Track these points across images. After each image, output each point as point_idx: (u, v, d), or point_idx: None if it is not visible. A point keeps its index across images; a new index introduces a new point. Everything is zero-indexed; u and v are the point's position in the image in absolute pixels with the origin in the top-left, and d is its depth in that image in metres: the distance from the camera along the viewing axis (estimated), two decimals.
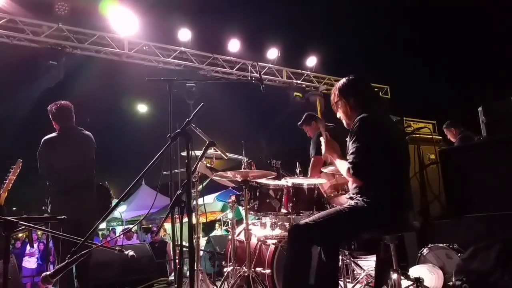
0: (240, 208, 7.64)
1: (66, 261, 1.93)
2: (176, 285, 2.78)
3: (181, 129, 2.29)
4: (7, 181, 3.14)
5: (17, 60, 8.20)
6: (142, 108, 14.47)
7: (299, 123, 5.55)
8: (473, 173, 4.01)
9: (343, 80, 2.90)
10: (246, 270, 3.05)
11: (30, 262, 11.49)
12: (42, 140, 4.18)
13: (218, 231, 12.35)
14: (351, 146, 2.62)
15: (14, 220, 2.04)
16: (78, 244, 2.03)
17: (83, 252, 1.98)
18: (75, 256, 1.94)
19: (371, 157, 2.55)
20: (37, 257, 11.61)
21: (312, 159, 5.00)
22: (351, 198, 2.71)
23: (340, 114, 2.91)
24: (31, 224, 2.50)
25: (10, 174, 3.15)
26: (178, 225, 2.10)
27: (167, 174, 3.35)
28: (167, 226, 15.38)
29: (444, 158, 4.35)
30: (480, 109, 4.22)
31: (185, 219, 2.13)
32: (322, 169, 3.99)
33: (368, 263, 4.70)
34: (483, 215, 3.70)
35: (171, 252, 9.34)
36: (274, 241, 3.53)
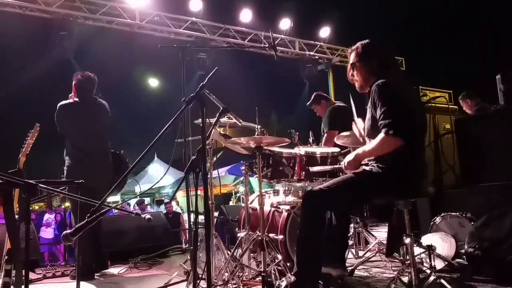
0: (252, 179, 7.72)
1: (86, 220, 1.98)
2: (191, 247, 2.86)
3: (196, 93, 2.28)
4: (25, 146, 3.18)
5: (29, 31, 8.22)
6: (153, 82, 14.52)
7: (308, 103, 5.52)
8: (489, 142, 3.96)
9: (366, 41, 2.81)
10: (259, 234, 3.09)
11: (47, 232, 11.79)
12: (58, 105, 4.27)
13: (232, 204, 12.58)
14: (379, 112, 2.53)
15: (34, 182, 2.08)
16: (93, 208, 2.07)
17: (102, 211, 2.03)
18: (94, 215, 1.99)
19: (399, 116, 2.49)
20: (54, 227, 11.90)
21: (325, 134, 4.99)
22: (365, 165, 2.71)
23: (355, 75, 2.84)
24: (50, 187, 2.56)
25: (28, 138, 3.20)
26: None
27: (181, 142, 3.38)
28: (180, 199, 15.68)
29: (460, 127, 4.29)
30: (498, 77, 4.13)
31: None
32: (336, 141, 3.99)
33: (380, 234, 4.75)
34: (498, 184, 3.67)
35: (185, 222, 9.53)
36: (287, 207, 3.56)
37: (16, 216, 3.05)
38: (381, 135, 2.50)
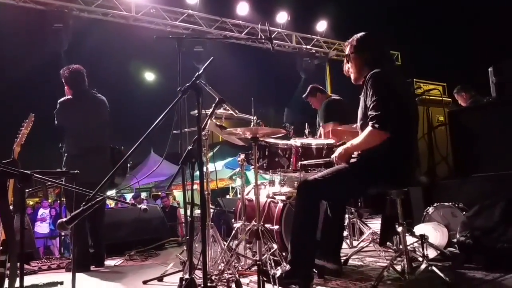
0: (248, 173, 7.71)
1: (81, 208, 1.99)
2: (187, 237, 2.88)
3: (192, 83, 2.28)
4: (20, 136, 3.18)
5: (24, 23, 8.16)
6: (149, 76, 14.47)
7: (304, 95, 5.55)
8: (481, 133, 4.00)
9: (361, 34, 2.86)
10: (255, 224, 3.12)
11: (42, 227, 11.76)
12: (58, 102, 4.30)
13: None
14: (370, 102, 2.58)
15: (29, 172, 2.08)
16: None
17: (97, 199, 2.05)
18: (89, 204, 2.00)
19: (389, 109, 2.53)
20: (49, 222, 11.87)
21: (320, 128, 5.02)
22: (359, 154, 2.74)
23: (350, 68, 2.88)
24: (45, 178, 2.56)
25: (23, 128, 3.19)
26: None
27: (177, 133, 3.38)
28: (176, 193, 15.69)
29: (453, 119, 4.33)
30: (490, 69, 4.16)
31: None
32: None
33: (374, 225, 4.80)
34: (489, 175, 3.72)
35: (182, 216, 9.54)
36: (283, 197, 3.59)
37: (11, 207, 3.06)
38: (368, 128, 2.56)
